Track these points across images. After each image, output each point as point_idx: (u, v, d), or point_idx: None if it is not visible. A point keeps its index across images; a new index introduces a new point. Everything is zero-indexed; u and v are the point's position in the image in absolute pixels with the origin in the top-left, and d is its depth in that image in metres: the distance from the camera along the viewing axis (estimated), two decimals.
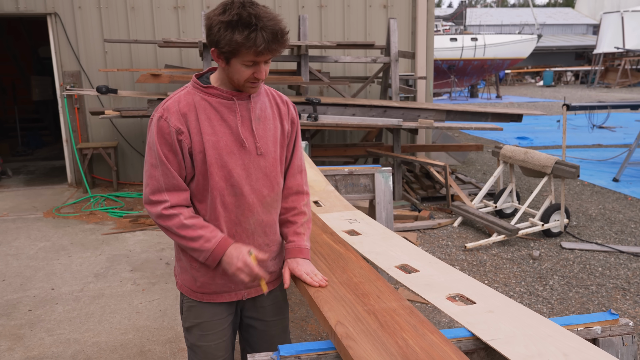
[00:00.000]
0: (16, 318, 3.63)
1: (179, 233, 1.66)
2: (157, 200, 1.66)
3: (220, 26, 1.56)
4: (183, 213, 1.67)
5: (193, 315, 1.84)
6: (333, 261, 2.03)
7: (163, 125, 1.64)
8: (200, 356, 1.88)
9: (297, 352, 1.54)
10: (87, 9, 7.31)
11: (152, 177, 1.67)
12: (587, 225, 5.60)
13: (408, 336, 1.51)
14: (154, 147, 1.65)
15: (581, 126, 12.71)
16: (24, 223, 5.85)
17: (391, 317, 1.61)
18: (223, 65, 1.65)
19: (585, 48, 38.11)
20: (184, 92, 1.71)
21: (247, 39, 1.53)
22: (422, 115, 6.36)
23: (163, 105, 1.68)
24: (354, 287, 1.81)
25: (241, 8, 1.55)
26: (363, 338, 1.50)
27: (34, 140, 10.96)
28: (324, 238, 2.28)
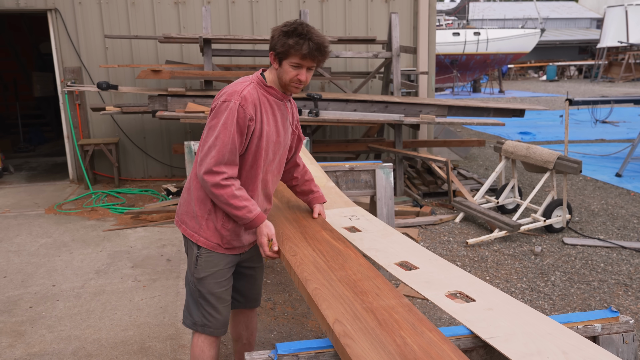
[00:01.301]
0: (17, 314, 3.63)
1: (229, 201, 2.05)
2: (218, 171, 2.03)
3: (280, 34, 2.04)
4: (234, 184, 2.07)
5: (210, 264, 2.21)
6: (332, 258, 2.03)
7: (240, 111, 2.03)
8: (213, 302, 2.25)
9: (295, 351, 1.54)
10: (88, 5, 7.29)
11: (219, 152, 2.02)
12: (590, 221, 5.58)
13: (406, 334, 1.50)
14: (230, 128, 2.02)
15: (584, 121, 12.67)
16: (26, 219, 5.85)
17: (389, 315, 1.60)
18: (276, 66, 2.11)
19: (589, 42, 37.93)
20: (251, 85, 2.11)
21: (297, 43, 2.00)
22: (423, 110, 6.33)
23: (240, 94, 2.05)
24: (352, 284, 1.80)
25: (298, 24, 2.05)
26: (361, 336, 1.49)
27: (36, 137, 10.96)
28: (323, 235, 2.27)
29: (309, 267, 1.95)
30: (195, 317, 2.29)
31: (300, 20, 2.10)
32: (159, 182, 7.58)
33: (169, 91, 5.99)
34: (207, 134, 2.07)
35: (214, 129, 2.05)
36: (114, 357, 3.09)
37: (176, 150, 6.62)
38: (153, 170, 7.82)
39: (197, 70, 6.46)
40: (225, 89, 2.11)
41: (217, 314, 2.27)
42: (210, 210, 2.18)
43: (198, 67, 6.83)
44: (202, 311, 2.27)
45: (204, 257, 2.21)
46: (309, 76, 2.11)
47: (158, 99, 6.02)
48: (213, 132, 2.04)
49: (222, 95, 2.09)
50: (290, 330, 3.44)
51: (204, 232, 2.19)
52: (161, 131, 7.71)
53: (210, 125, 2.07)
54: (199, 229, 2.20)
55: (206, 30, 6.42)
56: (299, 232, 2.31)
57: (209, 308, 2.26)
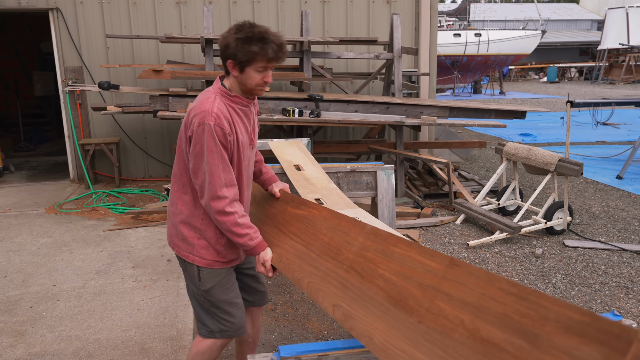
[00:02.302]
0: (18, 314, 3.62)
1: (231, 229, 2.08)
2: (221, 195, 2.04)
3: (237, 42, 2.02)
4: (237, 212, 2.08)
5: (212, 275, 2.23)
6: (304, 233, 2.10)
7: (217, 130, 2.02)
8: (225, 308, 2.28)
9: (298, 353, 1.54)
10: (89, 4, 7.29)
11: (214, 175, 2.03)
12: (591, 223, 5.57)
13: (382, 269, 1.58)
14: (215, 149, 2.02)
15: (585, 123, 12.66)
16: (26, 219, 5.85)
17: (364, 258, 1.68)
18: (237, 74, 2.09)
19: (590, 44, 37.91)
20: (217, 99, 2.09)
21: (262, 49, 2.00)
22: (425, 111, 6.33)
23: (211, 113, 2.02)
24: (327, 249, 1.89)
25: (251, 27, 2.03)
26: (356, 307, 1.58)
27: (37, 136, 10.95)
28: (290, 212, 2.32)
29: (294, 262, 2.03)
30: (212, 325, 2.30)
31: (247, 21, 2.08)
32: (159, 182, 7.58)
33: (170, 91, 5.99)
34: (195, 162, 2.06)
35: (200, 155, 2.04)
36: (115, 357, 3.08)
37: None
38: (154, 170, 7.81)
39: (198, 71, 6.45)
40: (194, 110, 2.08)
41: (233, 318, 2.30)
42: (199, 230, 2.19)
43: (199, 67, 6.82)
44: (216, 318, 2.29)
45: (205, 272, 2.23)
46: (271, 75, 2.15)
47: (159, 99, 6.01)
48: (201, 158, 2.04)
49: (194, 118, 2.05)
50: (291, 331, 3.44)
51: (198, 252, 2.21)
52: (162, 131, 7.71)
53: (195, 152, 2.05)
54: (193, 249, 2.21)
55: (208, 30, 6.42)
56: (274, 227, 2.35)
57: (223, 314, 2.28)
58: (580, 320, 1.10)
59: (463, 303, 1.31)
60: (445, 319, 1.33)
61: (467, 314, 1.29)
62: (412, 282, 1.46)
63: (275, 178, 2.55)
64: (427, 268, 1.44)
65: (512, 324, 1.20)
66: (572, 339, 1.09)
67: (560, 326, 1.12)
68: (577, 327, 1.10)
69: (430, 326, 1.36)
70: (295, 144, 4.32)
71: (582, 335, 1.08)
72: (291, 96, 6.20)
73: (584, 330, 1.08)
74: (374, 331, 1.46)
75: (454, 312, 1.32)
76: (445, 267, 1.40)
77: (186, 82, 7.48)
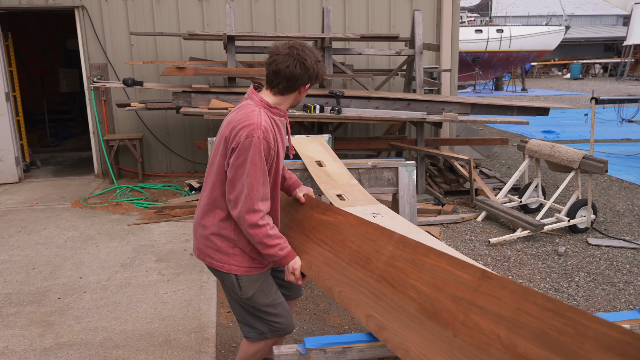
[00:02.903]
0: (46, 305, 3.72)
1: (262, 240, 2.08)
2: (257, 209, 2.05)
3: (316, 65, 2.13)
4: (269, 224, 2.10)
5: (252, 282, 2.24)
6: (331, 240, 2.09)
7: (264, 144, 2.04)
8: (271, 311, 2.29)
9: (323, 345, 1.56)
10: (114, 2, 7.41)
11: (254, 189, 2.04)
12: (615, 222, 5.49)
13: (414, 279, 1.55)
14: (258, 163, 2.03)
15: (610, 120, 12.44)
16: (53, 213, 5.98)
17: (394, 267, 1.66)
18: (292, 93, 2.18)
19: (615, 39, 37.18)
20: (262, 112, 2.11)
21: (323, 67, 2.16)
22: (446, 108, 6.30)
23: (260, 127, 2.04)
24: (356, 257, 1.88)
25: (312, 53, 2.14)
26: (389, 319, 1.55)
27: (62, 132, 11.17)
28: (315, 218, 2.31)
29: (324, 270, 2.03)
30: (262, 327, 2.33)
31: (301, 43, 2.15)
32: (181, 177, 7.68)
33: (193, 88, 6.06)
34: (235, 172, 2.06)
35: (243, 167, 2.04)
36: (140, 348, 3.15)
37: (199, 147, 6.70)
38: (176, 166, 7.92)
39: (220, 67, 6.51)
40: (240, 121, 2.08)
41: (281, 318, 2.32)
42: (233, 240, 2.20)
43: (221, 64, 6.89)
44: (265, 321, 2.32)
45: (244, 279, 2.24)
46: None
47: (182, 96, 6.09)
48: (243, 170, 2.04)
49: (241, 131, 2.05)
50: (312, 326, 3.47)
51: (234, 260, 2.22)
52: (184, 127, 7.80)
53: (238, 163, 2.05)
54: (228, 259, 2.22)
55: (230, 27, 6.48)
56: (301, 233, 2.36)
57: (270, 317, 2.31)
58: (619, 339, 1.07)
59: (498, 317, 1.28)
60: (481, 333, 1.30)
61: (503, 329, 1.26)
62: (445, 294, 1.43)
63: (299, 183, 2.58)
64: (459, 280, 1.42)
65: (550, 340, 1.17)
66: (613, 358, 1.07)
67: (600, 345, 1.09)
68: (617, 346, 1.07)
69: (466, 340, 1.33)
70: (317, 140, 4.35)
71: (623, 355, 1.05)
72: (312, 92, 6.22)
73: (624, 350, 1.06)
74: (410, 344, 1.44)
75: (490, 326, 1.29)
76: (478, 280, 1.37)
77: (208, 79, 7.55)
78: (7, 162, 7.39)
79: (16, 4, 7.21)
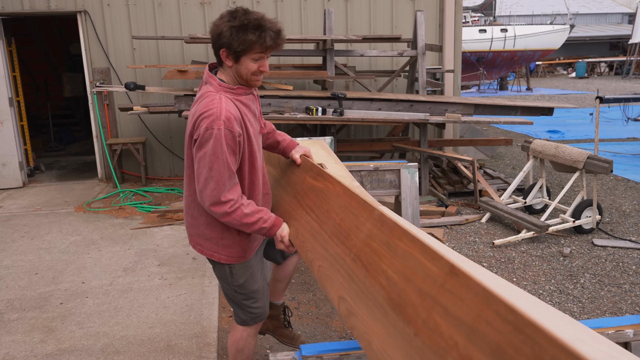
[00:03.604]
0: (48, 311, 3.72)
1: (242, 221, 2.01)
2: (224, 200, 1.97)
3: (231, 30, 1.92)
4: (243, 203, 2.01)
5: (244, 269, 2.25)
6: (319, 208, 2.01)
7: (227, 134, 1.93)
8: (255, 297, 2.33)
9: (319, 352, 1.54)
10: (116, 6, 7.42)
11: (218, 182, 1.95)
12: (621, 222, 5.44)
13: (386, 264, 1.44)
14: (221, 156, 1.93)
15: (615, 119, 12.35)
16: (56, 217, 5.99)
17: (370, 248, 1.55)
18: (231, 63, 2.00)
19: (620, 38, 36.96)
20: (222, 98, 1.97)
21: (259, 37, 1.91)
22: (449, 109, 6.26)
23: (221, 117, 1.92)
24: (338, 231, 1.79)
25: (246, 14, 1.93)
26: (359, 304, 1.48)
27: (66, 136, 11.20)
28: (308, 182, 2.23)
29: (308, 241, 1.97)
30: (243, 316, 2.39)
31: (241, 7, 1.99)
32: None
33: (195, 91, 6.05)
34: (198, 165, 1.98)
35: (204, 159, 1.95)
36: (141, 354, 3.14)
37: None
38: (179, 169, 7.92)
39: None
40: (201, 112, 1.97)
41: (261, 303, 2.37)
42: (223, 229, 2.16)
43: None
44: (247, 309, 2.36)
45: (236, 268, 2.25)
46: (267, 64, 2.06)
47: (184, 99, 6.08)
48: (205, 163, 1.95)
49: (202, 122, 1.94)
50: (315, 330, 3.44)
51: (225, 251, 2.19)
52: None
53: (199, 156, 1.96)
54: (218, 249, 2.19)
55: None
56: (293, 197, 2.31)
57: (253, 304, 2.34)
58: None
59: (459, 322, 1.15)
60: (440, 337, 1.18)
61: (462, 336, 1.13)
62: (412, 286, 1.31)
63: (295, 143, 2.47)
64: (428, 272, 1.28)
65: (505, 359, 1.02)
66: None
67: None
68: None
69: (425, 342, 1.22)
70: (319, 143, 4.32)
71: None
72: (314, 95, 6.20)
73: None
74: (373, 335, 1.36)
75: (449, 330, 1.17)
76: (445, 275, 1.23)
77: None
78: (11, 167, 7.41)
79: (19, 9, 7.23)
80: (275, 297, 2.82)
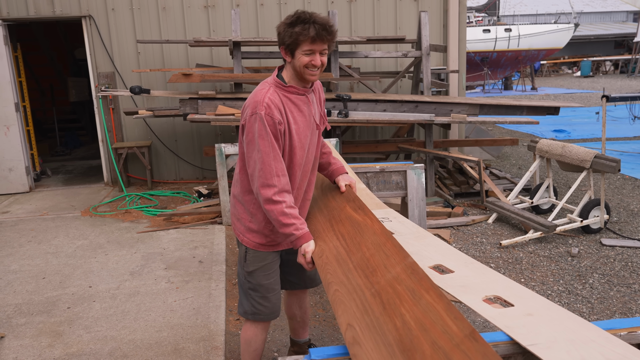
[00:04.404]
0: (56, 315, 3.72)
1: (278, 218, 2.13)
2: (270, 183, 2.10)
3: (284, 27, 2.10)
4: (286, 201, 2.13)
5: (258, 259, 2.36)
6: (351, 238, 2.07)
7: (268, 119, 2.09)
8: (262, 293, 2.41)
9: (328, 356, 1.52)
10: (120, 11, 7.44)
11: (265, 163, 2.10)
12: (629, 221, 5.40)
13: (406, 309, 1.50)
14: (266, 137, 2.08)
15: (621, 118, 12.28)
16: (63, 222, 6.00)
17: (393, 289, 1.61)
18: (289, 59, 2.14)
19: (625, 36, 36.82)
20: (271, 90, 2.15)
21: (303, 29, 2.04)
22: (454, 109, 6.24)
23: (262, 103, 2.10)
24: (365, 265, 1.85)
25: (300, 13, 2.09)
26: (367, 336, 1.51)
27: (72, 141, 11.24)
28: (347, 212, 2.28)
29: (331, 264, 2.02)
30: (246, 306, 2.46)
31: (300, 10, 2.13)
32: (190, 184, 7.68)
33: (200, 94, 6.06)
34: (247, 150, 2.16)
35: (252, 143, 2.13)
36: (149, 357, 3.13)
37: (207, 153, 6.69)
38: (184, 173, 7.93)
39: (227, 73, 6.51)
40: (248, 102, 2.18)
41: (267, 303, 2.43)
42: (253, 214, 2.31)
43: (228, 69, 6.89)
44: (251, 301, 2.43)
45: (251, 254, 2.37)
46: (324, 59, 2.15)
47: (189, 102, 6.09)
48: (253, 146, 2.13)
49: (247, 109, 2.15)
50: (322, 332, 3.43)
51: (249, 234, 2.35)
52: (192, 134, 7.81)
53: (248, 140, 2.15)
54: (244, 231, 2.36)
55: (235, 33, 6.48)
56: (327, 220, 2.35)
57: (258, 298, 2.42)
58: None
59: None
60: None
61: None
62: (427, 337, 1.35)
63: (343, 170, 2.54)
64: (446, 329, 1.33)
65: None
66: None
67: None
68: None
69: None
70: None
71: None
72: None
73: None
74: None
75: None
76: (464, 337, 1.27)
77: (215, 85, 7.56)
78: (18, 172, 7.44)
79: (24, 15, 7.27)
80: (293, 334, 2.92)
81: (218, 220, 5.71)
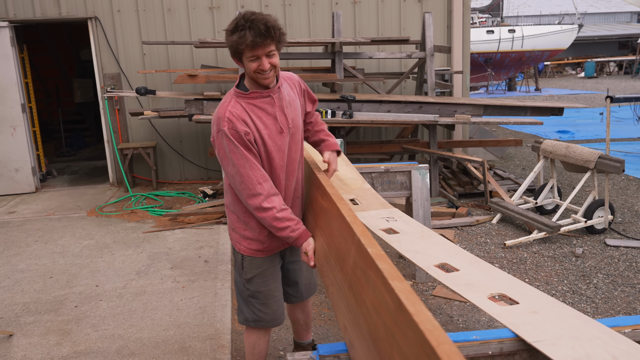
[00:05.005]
0: (63, 314, 3.75)
1: (272, 224, 2.12)
2: (255, 193, 2.08)
3: (226, 35, 2.01)
4: (275, 206, 2.10)
5: (255, 266, 2.34)
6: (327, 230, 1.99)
7: (233, 133, 2.04)
8: (262, 300, 2.39)
9: (337, 352, 1.55)
10: (126, 13, 7.49)
11: (244, 175, 2.07)
12: (633, 222, 5.41)
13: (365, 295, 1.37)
14: (236, 151, 2.04)
15: (626, 118, 12.26)
16: (69, 222, 6.05)
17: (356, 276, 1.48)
18: (242, 66, 2.06)
19: (630, 37, 36.70)
20: (232, 103, 2.10)
21: (240, 37, 1.93)
22: (458, 110, 6.26)
23: (224, 119, 2.05)
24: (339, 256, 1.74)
25: (240, 18, 1.96)
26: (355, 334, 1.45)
27: (77, 141, 11.30)
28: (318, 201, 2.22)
29: (323, 265, 2.00)
30: (247, 314, 2.45)
31: (246, 11, 2.01)
32: (195, 184, 7.72)
33: (205, 95, 6.10)
34: (223, 166, 2.15)
35: (225, 159, 2.10)
36: (156, 356, 3.16)
37: (212, 154, 6.73)
38: (189, 173, 7.96)
39: (232, 74, 6.54)
40: (213, 117, 2.15)
41: (268, 309, 2.41)
42: (246, 222, 2.30)
43: (233, 71, 6.92)
44: (252, 308, 2.42)
45: (247, 261, 2.36)
46: (274, 60, 2.04)
47: (194, 103, 6.13)
48: (227, 161, 2.10)
49: (213, 126, 2.12)
50: (327, 331, 3.45)
51: (244, 241, 2.33)
52: (197, 135, 7.85)
53: (220, 157, 2.13)
54: (239, 239, 2.35)
55: None
56: (312, 216, 2.33)
57: (259, 305, 2.40)
58: None
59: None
60: None
61: None
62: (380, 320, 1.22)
63: (332, 146, 2.46)
64: (387, 306, 1.19)
65: None
66: None
67: None
68: None
69: None
70: None
71: None
72: (323, 97, 6.22)
73: None
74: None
75: None
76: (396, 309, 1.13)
77: (220, 86, 7.60)
78: (24, 172, 7.49)
79: (31, 16, 7.32)
80: (296, 336, 2.92)
81: (223, 221, 5.74)
